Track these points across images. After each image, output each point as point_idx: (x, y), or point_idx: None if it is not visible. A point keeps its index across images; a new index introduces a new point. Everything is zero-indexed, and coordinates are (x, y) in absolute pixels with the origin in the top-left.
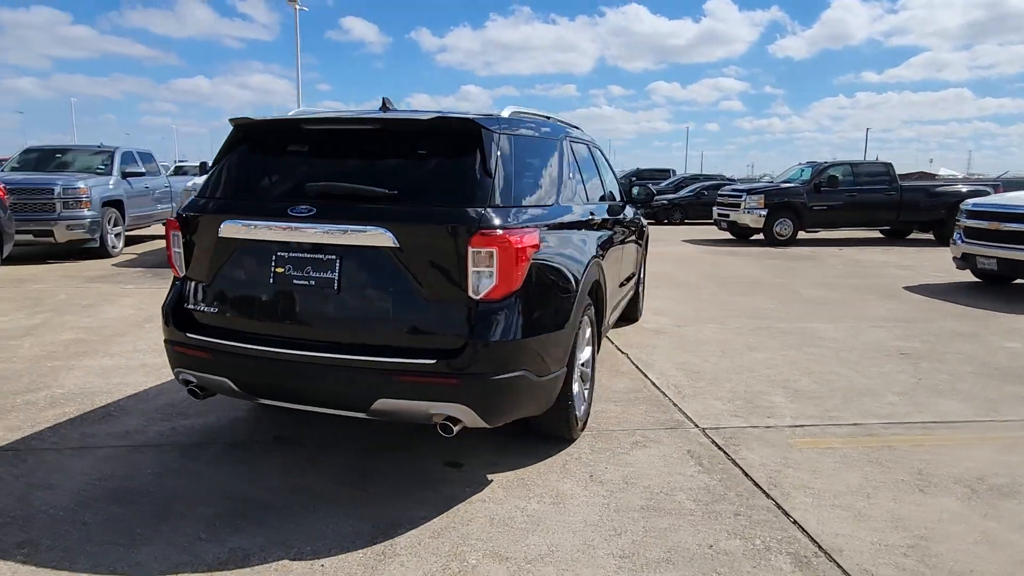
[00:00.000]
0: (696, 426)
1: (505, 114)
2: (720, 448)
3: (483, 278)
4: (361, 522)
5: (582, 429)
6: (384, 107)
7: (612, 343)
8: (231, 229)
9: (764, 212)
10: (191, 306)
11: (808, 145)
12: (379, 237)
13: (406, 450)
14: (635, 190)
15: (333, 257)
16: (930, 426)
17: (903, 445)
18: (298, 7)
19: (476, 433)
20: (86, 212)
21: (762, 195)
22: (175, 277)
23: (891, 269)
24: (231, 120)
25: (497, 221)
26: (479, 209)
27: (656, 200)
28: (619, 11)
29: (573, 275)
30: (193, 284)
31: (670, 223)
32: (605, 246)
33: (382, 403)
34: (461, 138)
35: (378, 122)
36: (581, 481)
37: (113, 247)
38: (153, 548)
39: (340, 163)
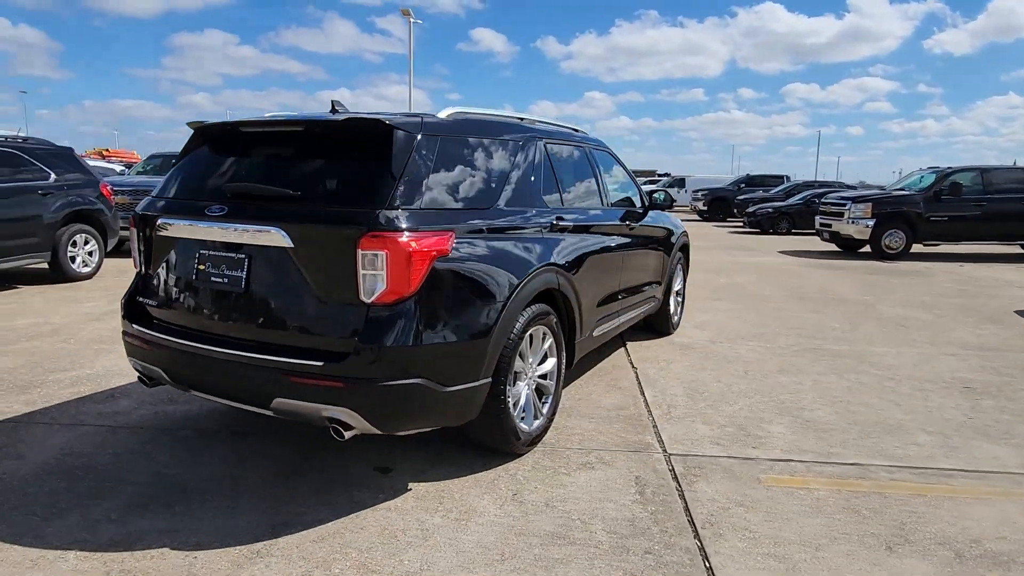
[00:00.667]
0: (663, 451)
1: (443, 115)
2: (675, 478)
3: (373, 281)
4: (260, 517)
5: (531, 444)
6: (333, 110)
7: (627, 356)
8: (165, 227)
9: (871, 222)
10: (141, 299)
11: (970, 149)
12: (275, 237)
13: (345, 450)
14: (658, 196)
15: (242, 256)
16: (950, 474)
17: (900, 493)
18: (412, 20)
19: (418, 439)
20: None
21: (869, 203)
22: (136, 271)
23: (1012, 290)
24: (188, 124)
25: (389, 223)
26: (371, 210)
27: (760, 208)
28: (752, 11)
29: (505, 282)
30: (143, 279)
31: (775, 233)
32: (586, 253)
33: (279, 402)
34: (370, 139)
35: (300, 124)
36: (500, 499)
37: None
38: (63, 523)
39: (263, 164)
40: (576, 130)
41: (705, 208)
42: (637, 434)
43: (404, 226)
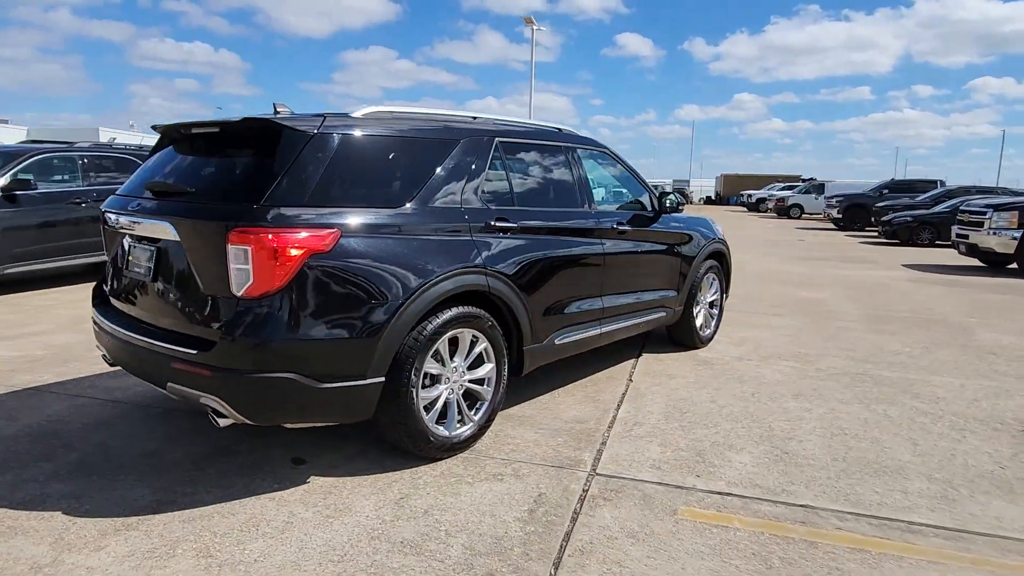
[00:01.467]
0: (590, 470)
1: (358, 114)
2: (582, 499)
3: (241, 275)
4: (156, 494)
5: (451, 450)
6: (275, 111)
7: (632, 368)
8: (107, 220)
9: (1017, 234)
10: (103, 286)
11: None
12: (166, 230)
13: (274, 436)
14: (669, 199)
15: (151, 248)
16: (918, 530)
17: (836, 545)
18: (535, 27)
19: (347, 433)
20: None
21: (1016, 212)
22: None
23: None
24: (152, 127)
25: (256, 219)
26: (242, 207)
27: (897, 217)
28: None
29: (403, 282)
30: (105, 267)
31: (914, 244)
32: (543, 256)
33: (170, 386)
34: (261, 139)
35: (215, 125)
36: (383, 502)
37: None
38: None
39: (184, 163)
40: (560, 130)
41: (840, 216)
42: (576, 450)
43: (272, 223)
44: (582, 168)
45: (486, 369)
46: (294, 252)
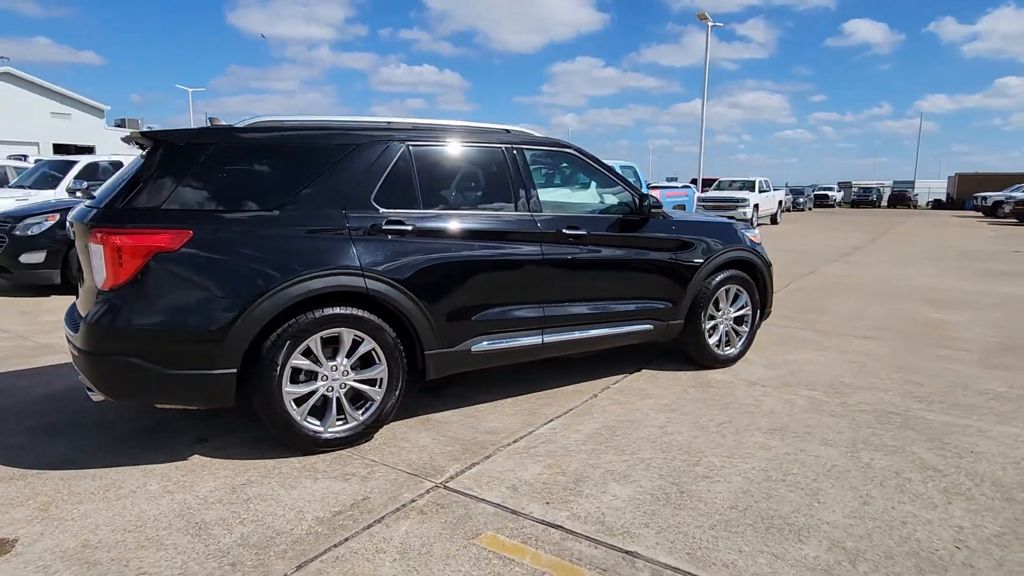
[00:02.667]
0: (441, 482)
1: (240, 125)
2: (400, 509)
3: (99, 270)
4: (70, 454)
5: (330, 446)
6: (210, 123)
7: (611, 383)
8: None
9: None
10: None
11: None
12: (78, 230)
13: (203, 417)
14: (646, 202)
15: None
16: None
17: None
18: (710, 24)
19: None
20: None
21: None
22: None
23: None
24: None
25: (109, 221)
26: (102, 210)
27: None
28: None
29: (258, 280)
30: None
31: None
32: (448, 260)
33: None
34: (147, 148)
35: (128, 139)
36: (225, 485)
37: None
38: None
39: (125, 171)
40: (508, 131)
41: None
42: (452, 460)
43: (120, 225)
44: (523, 170)
45: (377, 371)
46: (137, 251)
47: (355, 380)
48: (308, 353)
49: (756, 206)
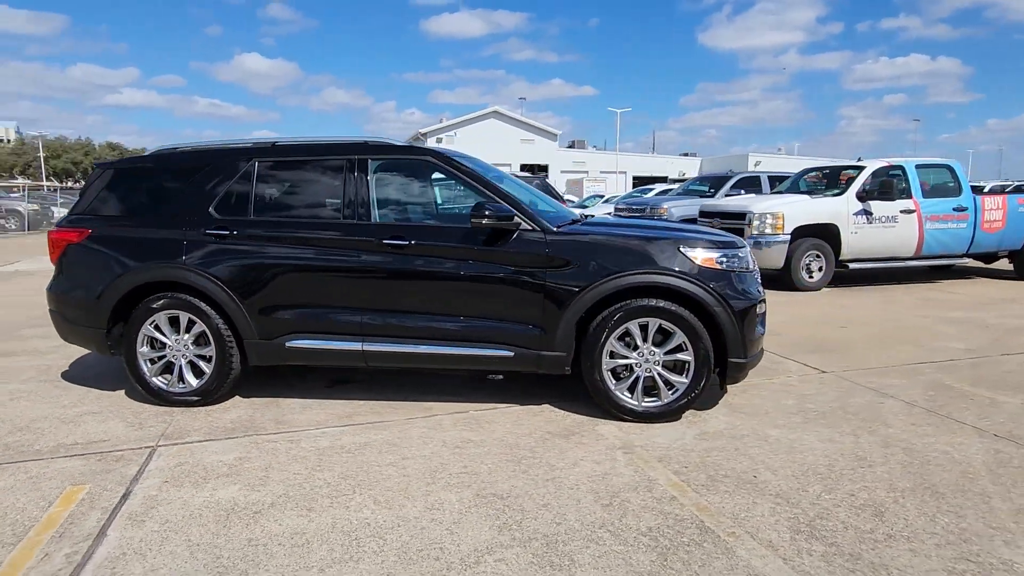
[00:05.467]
0: (138, 474)
1: (148, 152)
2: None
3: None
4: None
5: (174, 404)
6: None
7: (455, 415)
8: None
9: None
10: None
11: None
12: None
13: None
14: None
15: None
16: None
17: None
18: None
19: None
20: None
21: None
22: None
23: None
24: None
25: (58, 223)
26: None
27: None
28: None
29: (113, 266)
30: None
31: None
32: (264, 262)
33: None
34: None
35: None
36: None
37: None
38: None
39: None
40: (366, 143)
41: None
42: (135, 428)
43: (59, 224)
44: (357, 181)
45: (208, 350)
46: (59, 241)
47: (195, 355)
48: (157, 328)
49: None
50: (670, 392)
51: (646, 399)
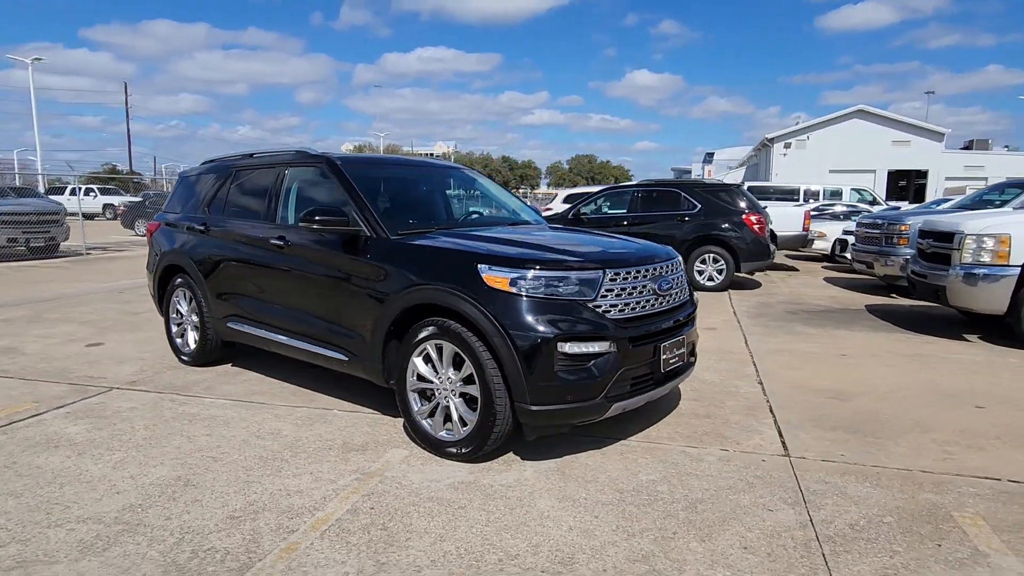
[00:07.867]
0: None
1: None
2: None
3: None
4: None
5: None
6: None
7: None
8: None
9: None
10: None
11: None
12: None
13: None
14: None
15: None
16: None
17: None
18: None
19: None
20: (902, 249)
21: None
22: None
23: None
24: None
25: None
26: None
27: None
28: None
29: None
30: None
31: None
32: (214, 254)
33: None
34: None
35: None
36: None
37: None
38: None
39: None
40: (296, 152)
41: None
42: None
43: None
44: (280, 186)
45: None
46: (150, 228)
47: (194, 320)
48: (183, 296)
49: None
50: (463, 428)
51: (442, 430)
